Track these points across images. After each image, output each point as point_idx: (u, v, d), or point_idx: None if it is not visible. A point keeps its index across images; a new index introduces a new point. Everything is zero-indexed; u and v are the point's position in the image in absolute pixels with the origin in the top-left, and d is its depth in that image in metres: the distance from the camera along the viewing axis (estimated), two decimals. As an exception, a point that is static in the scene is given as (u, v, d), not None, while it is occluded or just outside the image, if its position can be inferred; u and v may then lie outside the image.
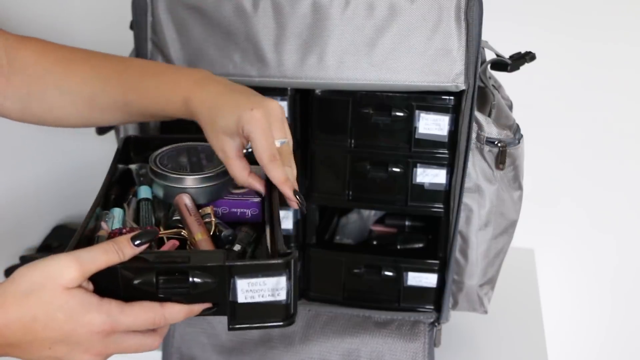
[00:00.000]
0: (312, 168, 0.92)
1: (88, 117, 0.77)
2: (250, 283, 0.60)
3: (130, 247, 0.59)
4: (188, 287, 0.59)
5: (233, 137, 0.68)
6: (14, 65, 0.75)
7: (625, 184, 1.30)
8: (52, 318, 0.56)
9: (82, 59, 0.77)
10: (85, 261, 0.56)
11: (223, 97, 0.69)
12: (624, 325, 1.40)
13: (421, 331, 0.93)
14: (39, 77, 0.75)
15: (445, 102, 0.85)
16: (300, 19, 0.82)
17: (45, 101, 0.76)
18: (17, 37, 0.76)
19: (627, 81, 1.24)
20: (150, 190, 0.77)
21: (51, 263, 0.56)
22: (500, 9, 1.08)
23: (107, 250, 0.58)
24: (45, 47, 0.77)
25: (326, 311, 0.96)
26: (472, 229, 0.90)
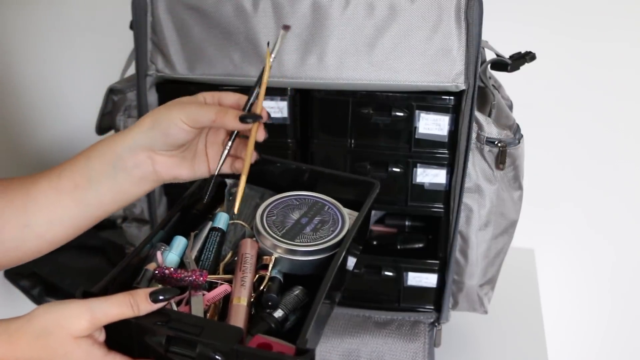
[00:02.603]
0: (312, 168, 0.92)
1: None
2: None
3: (147, 303, 0.57)
4: (194, 357, 0.57)
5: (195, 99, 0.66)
6: None
7: (625, 185, 1.30)
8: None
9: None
10: (97, 312, 0.56)
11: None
12: (623, 324, 1.40)
13: (421, 331, 0.93)
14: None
15: (445, 102, 0.85)
16: (300, 19, 0.82)
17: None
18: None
19: (627, 81, 1.24)
20: (227, 219, 0.74)
21: (64, 310, 0.56)
22: (500, 9, 1.08)
23: (121, 303, 0.57)
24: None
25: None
26: (472, 229, 0.90)
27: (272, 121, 0.89)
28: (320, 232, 0.71)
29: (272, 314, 0.66)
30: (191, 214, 0.74)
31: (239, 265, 0.68)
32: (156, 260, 0.67)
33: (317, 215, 0.73)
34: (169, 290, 0.58)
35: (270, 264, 0.69)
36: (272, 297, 0.67)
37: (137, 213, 0.99)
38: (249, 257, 0.69)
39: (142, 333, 0.58)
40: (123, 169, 0.66)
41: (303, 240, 0.69)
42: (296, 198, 0.75)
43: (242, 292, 0.66)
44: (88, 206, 0.68)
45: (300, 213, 0.73)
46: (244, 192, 0.73)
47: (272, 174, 0.78)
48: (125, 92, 0.93)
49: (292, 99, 0.88)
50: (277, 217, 0.71)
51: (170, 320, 0.58)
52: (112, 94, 0.93)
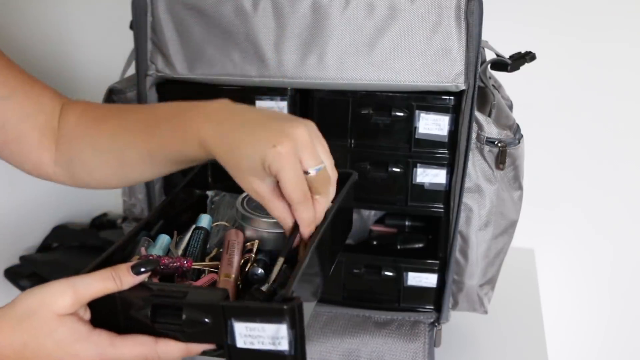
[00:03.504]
0: (312, 168, 0.92)
1: (122, 175, 0.74)
2: (248, 327, 0.55)
3: (129, 275, 0.57)
4: (181, 324, 0.56)
5: (262, 177, 0.61)
6: (61, 129, 0.75)
7: (625, 185, 1.30)
8: (41, 345, 0.55)
9: (113, 115, 0.73)
10: (80, 288, 0.56)
11: (240, 134, 0.61)
12: (623, 324, 1.40)
13: (421, 331, 0.93)
14: (77, 140, 0.74)
15: (445, 102, 0.85)
16: (300, 19, 0.82)
17: (85, 164, 0.74)
18: (68, 101, 0.77)
19: (627, 81, 1.24)
20: (210, 220, 0.74)
21: (47, 289, 0.56)
22: (500, 9, 1.08)
23: (104, 277, 0.57)
24: (85, 108, 0.76)
25: (326, 311, 0.96)
26: (472, 229, 0.90)
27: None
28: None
29: (260, 288, 0.66)
30: (177, 224, 0.75)
31: (226, 250, 0.69)
32: (139, 252, 0.67)
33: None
34: (150, 261, 0.58)
35: (255, 247, 0.69)
36: (256, 271, 0.66)
37: (137, 213, 0.99)
38: (235, 244, 0.69)
39: (127, 307, 0.58)
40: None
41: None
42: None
43: (227, 270, 0.66)
44: (182, 167, 0.72)
45: None
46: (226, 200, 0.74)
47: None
48: (125, 92, 0.93)
49: (292, 99, 0.88)
50: (257, 203, 0.70)
51: (155, 289, 0.58)
52: (112, 94, 0.93)
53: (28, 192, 1.12)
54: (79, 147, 0.74)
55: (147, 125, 0.69)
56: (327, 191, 0.64)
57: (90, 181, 0.76)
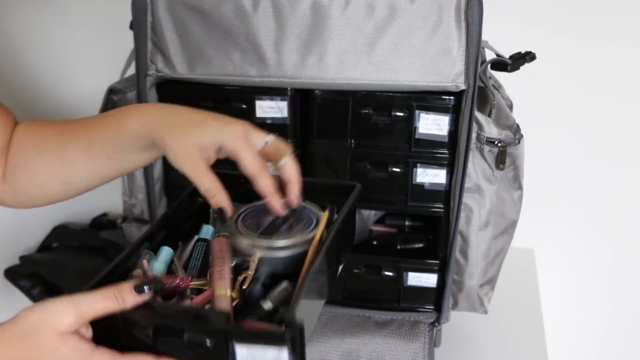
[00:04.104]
0: (312, 168, 0.92)
1: (63, 177, 0.73)
2: (249, 350, 0.56)
3: (132, 295, 0.57)
4: (184, 345, 0.56)
5: (205, 151, 0.65)
6: (11, 143, 0.75)
7: (625, 185, 1.30)
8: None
9: (62, 121, 0.75)
10: (82, 307, 0.56)
11: (194, 116, 0.68)
12: (623, 324, 1.40)
13: (421, 331, 0.93)
14: (24, 145, 0.74)
15: (445, 102, 0.85)
16: (300, 19, 0.82)
17: (28, 167, 0.73)
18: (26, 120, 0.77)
19: (627, 82, 1.24)
20: (213, 231, 0.74)
21: (49, 307, 0.56)
22: (500, 9, 1.08)
23: (106, 297, 0.57)
24: (38, 120, 0.76)
25: (326, 311, 0.96)
26: (472, 229, 0.90)
27: (272, 121, 0.89)
28: (296, 229, 0.71)
29: (262, 306, 0.66)
30: (179, 233, 0.74)
31: (213, 262, 0.68)
32: (141, 266, 0.67)
33: (291, 217, 0.73)
34: (153, 281, 0.58)
35: (253, 264, 0.68)
36: (255, 290, 0.67)
37: (137, 213, 0.99)
38: (224, 253, 0.69)
39: (129, 326, 0.58)
40: (151, 147, 0.69)
41: (280, 237, 0.70)
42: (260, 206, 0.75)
43: (221, 284, 0.66)
44: (123, 169, 0.73)
45: (274, 216, 0.73)
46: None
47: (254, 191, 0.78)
48: (125, 92, 0.93)
49: (292, 99, 0.88)
50: (251, 221, 0.72)
51: (157, 309, 0.58)
52: (112, 94, 0.93)
53: (28, 192, 1.12)
54: (25, 150, 0.74)
55: (91, 120, 0.73)
56: (287, 151, 0.69)
57: (31, 188, 0.74)
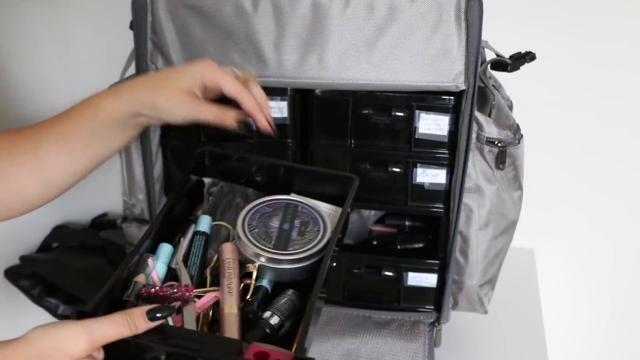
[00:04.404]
0: (312, 168, 0.92)
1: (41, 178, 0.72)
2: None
3: (144, 321, 0.58)
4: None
5: (192, 93, 0.71)
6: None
7: (625, 185, 1.30)
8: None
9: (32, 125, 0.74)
10: (95, 334, 0.56)
11: (165, 73, 0.74)
12: (623, 324, 1.40)
13: (421, 331, 0.93)
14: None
15: (445, 102, 0.85)
16: (300, 18, 0.82)
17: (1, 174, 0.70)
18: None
19: (627, 82, 1.24)
20: (210, 221, 0.74)
21: (61, 332, 0.56)
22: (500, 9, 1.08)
23: (119, 323, 0.57)
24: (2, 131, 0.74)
25: (326, 311, 0.96)
26: (472, 229, 0.90)
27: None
28: (307, 235, 0.72)
29: (269, 320, 0.66)
30: (172, 217, 0.74)
31: (222, 272, 0.69)
32: (148, 270, 0.67)
33: (295, 217, 0.74)
34: (166, 307, 0.59)
35: (254, 271, 0.69)
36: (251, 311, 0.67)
37: (137, 213, 0.99)
38: (231, 262, 0.69)
39: (141, 351, 0.58)
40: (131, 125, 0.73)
41: (295, 248, 0.70)
42: (267, 204, 0.76)
43: (230, 300, 0.66)
44: (102, 156, 0.74)
45: (278, 219, 0.74)
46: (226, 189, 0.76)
47: (249, 171, 0.79)
48: (125, 92, 0.93)
49: (292, 99, 0.88)
50: (259, 229, 0.72)
51: (168, 337, 0.58)
52: (112, 94, 0.93)
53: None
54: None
55: (60, 116, 0.73)
56: (252, 78, 0.76)
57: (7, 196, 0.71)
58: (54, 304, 1.06)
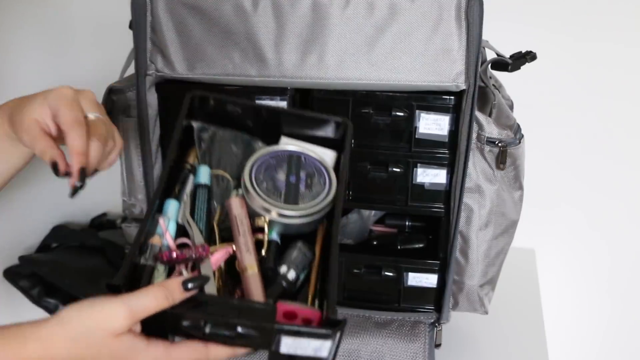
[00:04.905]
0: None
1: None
2: (295, 341, 0.59)
3: (180, 292, 0.59)
4: (234, 337, 0.59)
5: (42, 120, 0.68)
6: None
7: (625, 185, 1.30)
8: (99, 358, 0.57)
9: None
10: (134, 308, 0.57)
11: (30, 96, 0.71)
12: (623, 324, 1.39)
13: (421, 331, 0.93)
14: None
15: (445, 102, 0.84)
16: (300, 18, 0.82)
17: None
18: None
19: (627, 82, 1.24)
20: (209, 172, 0.74)
21: (102, 311, 0.57)
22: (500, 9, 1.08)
23: (157, 297, 0.58)
24: None
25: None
26: (472, 229, 0.90)
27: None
28: (315, 187, 0.74)
29: (286, 275, 0.69)
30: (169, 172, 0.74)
31: (236, 229, 0.70)
32: (161, 229, 0.68)
33: (300, 169, 0.75)
34: (200, 278, 0.60)
35: (266, 226, 0.70)
36: (270, 268, 0.69)
37: (137, 213, 0.99)
38: (243, 218, 0.71)
39: (177, 319, 0.60)
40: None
41: (305, 202, 0.72)
42: (270, 156, 0.76)
43: (250, 259, 0.68)
44: (3, 173, 0.75)
45: (284, 172, 0.75)
46: (219, 135, 0.76)
47: (237, 114, 0.79)
48: (125, 91, 0.92)
49: (291, 99, 0.87)
50: (267, 184, 0.73)
51: (205, 305, 0.60)
52: (112, 93, 0.93)
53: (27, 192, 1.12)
54: None
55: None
56: (103, 139, 0.69)
57: None
58: (54, 304, 1.05)
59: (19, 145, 0.73)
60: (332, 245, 0.66)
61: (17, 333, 0.57)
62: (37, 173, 1.14)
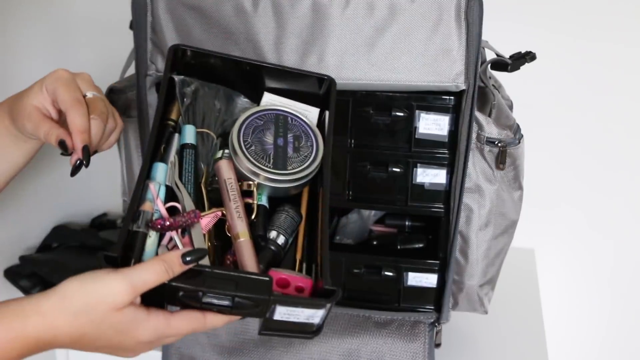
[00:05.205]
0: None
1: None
2: (289, 310, 0.61)
3: (179, 265, 0.60)
4: (231, 307, 0.61)
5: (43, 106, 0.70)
6: None
7: (625, 185, 1.30)
8: (102, 333, 0.58)
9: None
10: (137, 284, 0.58)
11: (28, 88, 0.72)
12: (623, 324, 1.40)
13: (421, 331, 0.93)
14: None
15: (445, 102, 0.85)
16: (300, 18, 0.82)
17: None
18: None
19: (627, 82, 1.24)
20: (194, 131, 0.74)
21: (103, 287, 0.58)
22: (500, 9, 1.08)
23: (157, 271, 0.59)
24: None
25: (326, 311, 0.96)
26: (472, 229, 0.90)
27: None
28: (303, 151, 0.74)
29: (276, 241, 0.70)
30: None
31: (226, 194, 0.70)
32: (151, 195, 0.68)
33: (287, 131, 0.75)
34: (198, 251, 0.61)
35: (255, 190, 0.71)
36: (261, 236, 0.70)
37: (137, 213, 0.99)
38: (232, 182, 0.71)
39: (175, 291, 0.61)
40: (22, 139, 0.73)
41: (293, 167, 0.72)
42: (257, 117, 0.76)
43: (242, 226, 0.69)
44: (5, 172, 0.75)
45: (271, 134, 0.75)
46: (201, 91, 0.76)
47: (222, 69, 0.79)
48: (125, 92, 0.92)
49: (292, 99, 0.88)
50: (255, 146, 0.73)
51: (203, 277, 0.61)
52: (112, 93, 0.93)
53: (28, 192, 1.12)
54: None
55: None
56: (104, 116, 0.71)
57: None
58: (54, 304, 1.05)
59: (21, 142, 0.74)
60: (323, 213, 0.67)
61: (17, 309, 0.57)
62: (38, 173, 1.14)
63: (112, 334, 0.58)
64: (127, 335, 0.59)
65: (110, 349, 0.61)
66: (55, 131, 0.69)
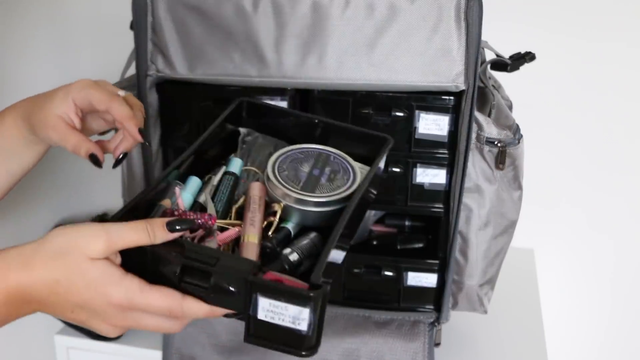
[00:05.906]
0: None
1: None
2: (272, 304, 0.58)
3: (163, 231, 0.58)
4: (208, 288, 0.58)
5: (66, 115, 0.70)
6: None
7: (625, 184, 1.30)
8: (72, 283, 0.57)
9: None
10: (113, 236, 0.57)
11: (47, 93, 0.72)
12: (623, 324, 1.40)
13: (421, 331, 0.93)
14: None
15: (445, 102, 0.85)
16: (300, 19, 0.82)
17: None
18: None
19: (627, 82, 1.24)
20: (241, 165, 0.74)
21: (81, 232, 0.57)
22: (500, 9, 1.08)
23: (138, 229, 0.58)
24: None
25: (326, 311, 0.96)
26: (472, 229, 0.90)
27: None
28: (336, 182, 0.72)
29: (288, 256, 0.67)
30: (205, 159, 0.74)
31: (248, 206, 0.69)
32: (174, 194, 0.68)
33: (326, 165, 0.74)
34: (186, 221, 0.59)
35: (279, 210, 0.69)
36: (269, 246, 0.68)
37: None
38: (257, 199, 0.70)
39: (157, 261, 0.59)
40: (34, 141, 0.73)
41: (323, 192, 0.70)
42: (300, 151, 0.76)
43: (251, 230, 0.67)
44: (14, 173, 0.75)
45: (309, 165, 0.74)
46: (257, 141, 0.76)
47: (284, 125, 0.79)
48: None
49: (292, 99, 0.88)
50: (288, 172, 0.72)
51: (186, 250, 0.59)
52: (112, 94, 0.93)
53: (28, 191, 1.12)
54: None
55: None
56: (142, 109, 0.72)
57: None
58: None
59: (33, 144, 0.74)
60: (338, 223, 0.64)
61: (1, 260, 0.57)
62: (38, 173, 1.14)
63: (82, 286, 0.57)
64: (97, 291, 0.57)
65: (82, 311, 0.58)
66: (85, 145, 0.70)
